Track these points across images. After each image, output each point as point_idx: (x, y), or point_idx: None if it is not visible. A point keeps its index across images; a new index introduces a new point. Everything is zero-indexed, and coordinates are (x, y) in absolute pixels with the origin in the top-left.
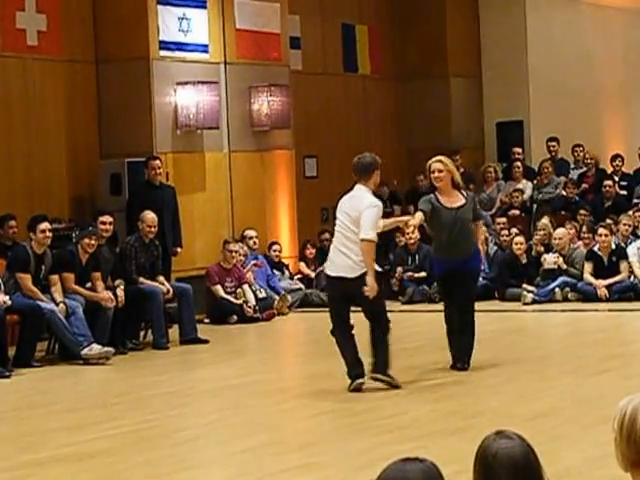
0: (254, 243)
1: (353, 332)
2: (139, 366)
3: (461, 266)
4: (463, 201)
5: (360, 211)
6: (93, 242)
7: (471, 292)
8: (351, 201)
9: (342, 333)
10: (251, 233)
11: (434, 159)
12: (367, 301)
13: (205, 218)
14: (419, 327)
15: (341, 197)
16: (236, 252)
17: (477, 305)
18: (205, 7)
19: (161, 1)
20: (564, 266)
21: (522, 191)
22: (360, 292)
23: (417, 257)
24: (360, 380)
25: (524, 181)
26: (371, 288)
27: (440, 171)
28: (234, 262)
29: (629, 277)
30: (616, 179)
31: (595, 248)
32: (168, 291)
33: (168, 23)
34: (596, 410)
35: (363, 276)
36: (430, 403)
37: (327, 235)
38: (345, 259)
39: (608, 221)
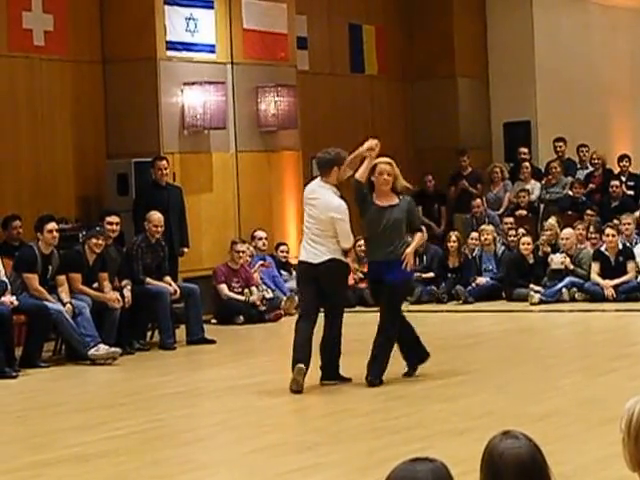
0: (263, 244)
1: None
2: (146, 366)
3: (382, 276)
4: (396, 201)
5: (331, 214)
6: (100, 242)
7: (389, 308)
8: (320, 201)
9: (304, 321)
10: (261, 234)
11: (384, 160)
12: (328, 286)
13: (212, 218)
14: (427, 327)
15: (307, 183)
16: (243, 252)
17: (485, 305)
18: (212, 7)
19: (168, 1)
20: (571, 266)
21: (529, 191)
22: (322, 276)
23: (425, 257)
24: (300, 365)
25: (532, 181)
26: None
27: (389, 174)
28: (241, 262)
29: (636, 277)
30: (623, 179)
31: (602, 248)
32: (175, 291)
33: (175, 23)
34: (603, 410)
35: (325, 262)
36: (436, 403)
37: None
38: (313, 250)
39: (615, 221)
